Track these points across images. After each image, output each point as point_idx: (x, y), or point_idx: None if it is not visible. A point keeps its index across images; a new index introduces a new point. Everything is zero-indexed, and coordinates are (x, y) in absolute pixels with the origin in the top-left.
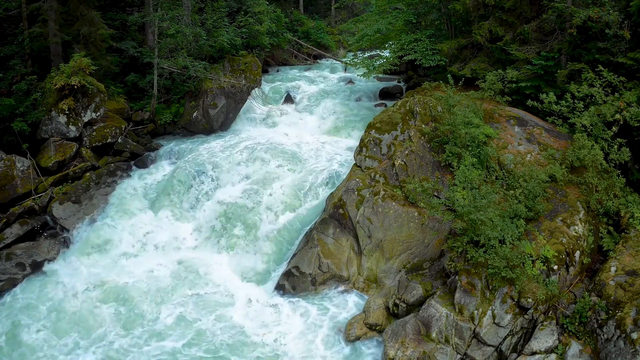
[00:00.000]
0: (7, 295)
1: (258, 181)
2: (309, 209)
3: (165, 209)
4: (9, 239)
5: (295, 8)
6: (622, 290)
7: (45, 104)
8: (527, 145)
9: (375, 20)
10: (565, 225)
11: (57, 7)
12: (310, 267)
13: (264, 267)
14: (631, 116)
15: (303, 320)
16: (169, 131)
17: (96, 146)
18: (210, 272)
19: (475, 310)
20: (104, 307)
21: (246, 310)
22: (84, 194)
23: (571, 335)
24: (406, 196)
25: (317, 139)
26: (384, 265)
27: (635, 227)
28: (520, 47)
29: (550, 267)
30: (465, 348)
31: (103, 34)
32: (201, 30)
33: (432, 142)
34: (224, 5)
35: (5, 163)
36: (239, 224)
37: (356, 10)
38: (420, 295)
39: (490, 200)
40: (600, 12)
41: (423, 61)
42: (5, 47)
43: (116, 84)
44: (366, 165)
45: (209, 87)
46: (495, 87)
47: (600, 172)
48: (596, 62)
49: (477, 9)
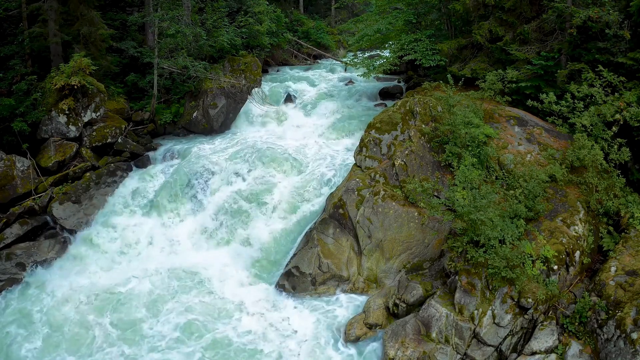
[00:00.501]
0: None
1: (258, 181)
2: (309, 209)
3: (165, 209)
4: (9, 239)
5: (295, 8)
6: (622, 290)
7: (45, 104)
8: (527, 145)
9: (375, 20)
10: (565, 225)
11: (57, 7)
12: (310, 267)
13: (264, 268)
14: (631, 116)
15: (303, 321)
16: (169, 131)
17: (96, 146)
18: (209, 273)
19: (475, 310)
20: (99, 315)
21: (246, 310)
22: (84, 194)
23: (571, 335)
24: (406, 196)
25: (317, 139)
26: (384, 265)
27: (635, 227)
28: (520, 47)
29: (550, 267)
30: (465, 348)
31: (103, 34)
32: (201, 30)
33: (432, 142)
34: (224, 5)
35: (5, 163)
36: (238, 225)
37: (356, 10)
38: (420, 295)
39: (490, 200)
40: (600, 12)
41: (423, 61)
42: (5, 47)
43: (116, 84)
44: (366, 165)
45: (209, 87)
46: (495, 87)
47: (600, 172)
48: (596, 62)
49: (477, 9)
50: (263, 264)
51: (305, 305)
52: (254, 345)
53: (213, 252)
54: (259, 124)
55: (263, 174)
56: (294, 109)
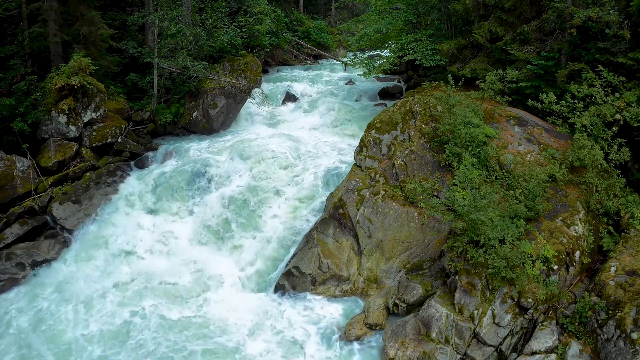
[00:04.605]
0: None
1: (257, 181)
2: (309, 209)
3: (165, 209)
4: (9, 239)
5: (295, 8)
6: (622, 290)
7: (45, 104)
8: (527, 145)
9: (375, 20)
10: (565, 225)
11: (57, 7)
12: (310, 267)
13: (264, 266)
14: (631, 116)
15: (303, 321)
16: (169, 131)
17: (96, 146)
18: (209, 274)
19: (475, 310)
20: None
21: (246, 310)
22: (84, 194)
23: (571, 335)
24: (406, 196)
25: (317, 139)
26: (384, 265)
27: (635, 227)
28: (520, 47)
29: (550, 267)
30: (465, 348)
31: (103, 34)
32: (201, 30)
33: (432, 142)
34: (224, 5)
35: (5, 163)
36: (238, 225)
37: (356, 10)
38: (420, 295)
39: (490, 200)
40: (600, 12)
41: (423, 61)
42: (5, 47)
43: (116, 84)
44: (366, 165)
45: (209, 87)
46: (495, 87)
47: (600, 172)
48: (596, 62)
49: (477, 9)
50: (263, 262)
51: (305, 305)
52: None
53: (212, 252)
54: (259, 124)
55: (263, 174)
56: (294, 108)
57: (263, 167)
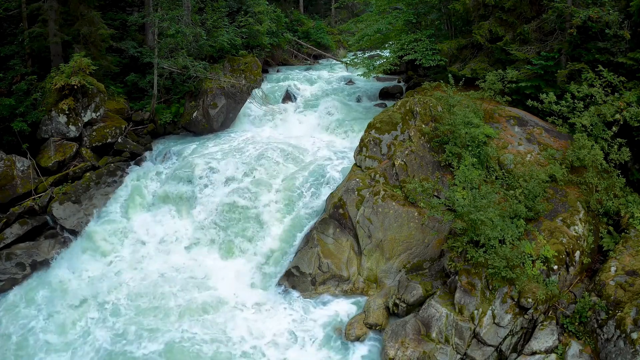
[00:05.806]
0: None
1: (257, 181)
2: (309, 209)
3: (164, 210)
4: (9, 239)
5: (295, 8)
6: (622, 290)
7: (45, 104)
8: (527, 145)
9: (375, 20)
10: (565, 225)
11: (57, 7)
12: (310, 267)
13: (264, 266)
14: (631, 116)
15: (303, 321)
16: (169, 131)
17: (96, 146)
18: (209, 275)
19: (475, 310)
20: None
21: (245, 309)
22: (84, 194)
23: (571, 335)
24: (406, 196)
25: (316, 139)
26: (384, 265)
27: (635, 227)
28: (520, 47)
29: (550, 267)
30: (465, 348)
31: (103, 34)
32: (201, 30)
33: (432, 142)
34: (224, 5)
35: (5, 163)
36: (238, 225)
37: (356, 10)
38: (420, 295)
39: (490, 200)
40: (600, 12)
41: (423, 61)
42: (5, 47)
43: (116, 84)
44: (366, 165)
45: (209, 87)
46: (495, 87)
47: (600, 172)
48: (596, 62)
49: (477, 9)
50: (262, 263)
51: (305, 305)
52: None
53: (212, 253)
54: (259, 124)
55: (262, 174)
56: (293, 108)
57: (262, 168)
